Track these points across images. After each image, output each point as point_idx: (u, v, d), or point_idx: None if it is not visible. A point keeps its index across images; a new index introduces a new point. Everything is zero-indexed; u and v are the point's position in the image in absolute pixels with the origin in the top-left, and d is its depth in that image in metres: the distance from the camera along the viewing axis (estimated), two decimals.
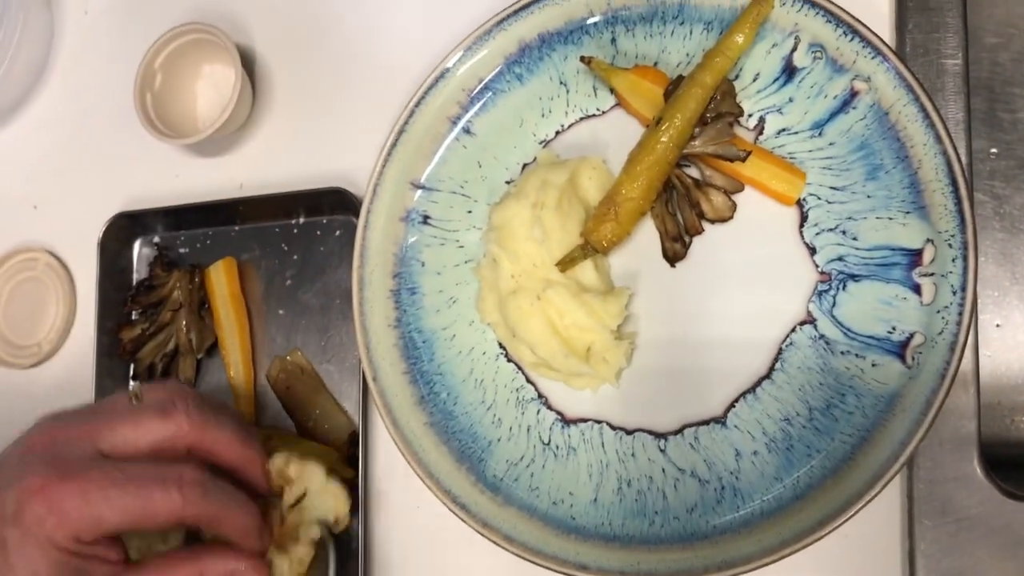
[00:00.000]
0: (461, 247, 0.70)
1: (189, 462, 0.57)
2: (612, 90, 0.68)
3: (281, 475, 0.64)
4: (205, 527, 0.58)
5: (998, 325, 0.75)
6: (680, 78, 0.64)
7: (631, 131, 0.67)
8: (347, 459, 0.71)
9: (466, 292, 0.69)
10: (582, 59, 0.67)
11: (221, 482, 0.58)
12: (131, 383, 0.77)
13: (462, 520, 0.64)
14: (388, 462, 0.71)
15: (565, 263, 0.65)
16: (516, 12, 0.68)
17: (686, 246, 0.66)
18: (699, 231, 0.65)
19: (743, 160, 0.63)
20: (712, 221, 0.65)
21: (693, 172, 0.66)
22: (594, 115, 0.69)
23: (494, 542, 0.64)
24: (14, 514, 0.52)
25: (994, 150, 0.76)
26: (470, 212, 0.70)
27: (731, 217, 0.65)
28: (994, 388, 0.74)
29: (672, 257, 0.66)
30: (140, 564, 0.57)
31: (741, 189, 0.65)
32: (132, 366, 0.77)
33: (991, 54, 0.77)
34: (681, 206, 0.65)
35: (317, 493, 0.64)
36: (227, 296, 0.75)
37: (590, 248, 0.65)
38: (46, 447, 0.55)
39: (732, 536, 0.61)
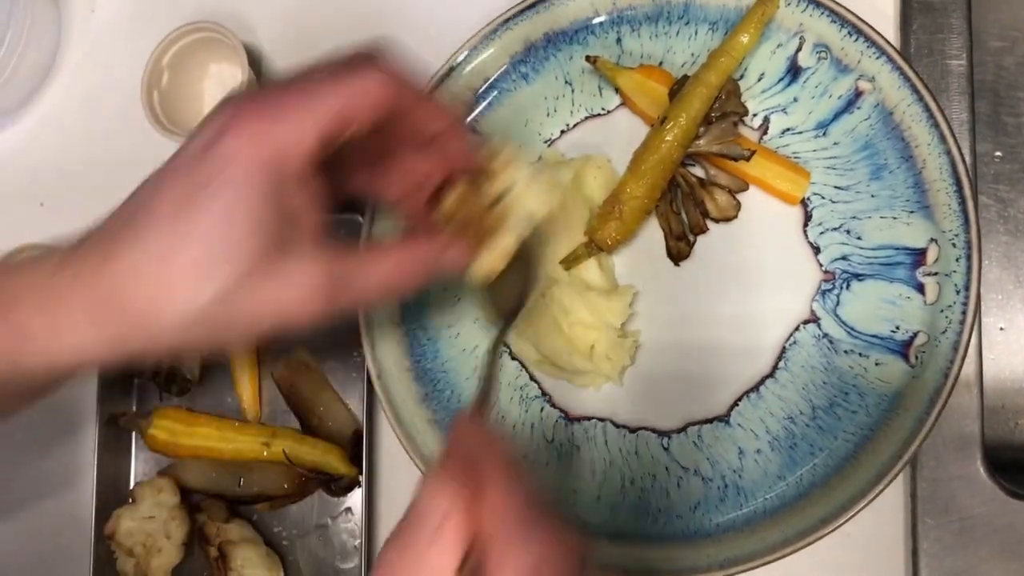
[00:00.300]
0: None
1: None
2: (617, 89, 0.68)
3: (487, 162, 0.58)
4: (411, 110, 0.52)
5: (1002, 328, 0.75)
6: (685, 78, 0.64)
7: (636, 130, 0.67)
8: (351, 456, 0.71)
9: (470, 291, 0.69)
10: (588, 58, 0.68)
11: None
12: (135, 381, 0.78)
13: None
14: (392, 459, 0.71)
15: (569, 261, 0.65)
16: (522, 12, 0.68)
17: (690, 245, 0.66)
18: (704, 230, 0.65)
19: (747, 159, 0.63)
20: (716, 220, 0.65)
21: (697, 171, 0.66)
22: (599, 114, 0.69)
23: None
24: (215, 134, 0.48)
25: (998, 153, 0.76)
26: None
27: (735, 216, 0.65)
28: (998, 391, 0.75)
29: (676, 256, 0.66)
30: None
31: (745, 188, 0.65)
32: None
33: (996, 58, 0.77)
34: (686, 205, 0.66)
35: (524, 187, 0.57)
36: None
37: (594, 247, 0.65)
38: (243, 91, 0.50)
39: (735, 534, 0.61)
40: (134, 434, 0.76)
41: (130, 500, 0.71)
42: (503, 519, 0.39)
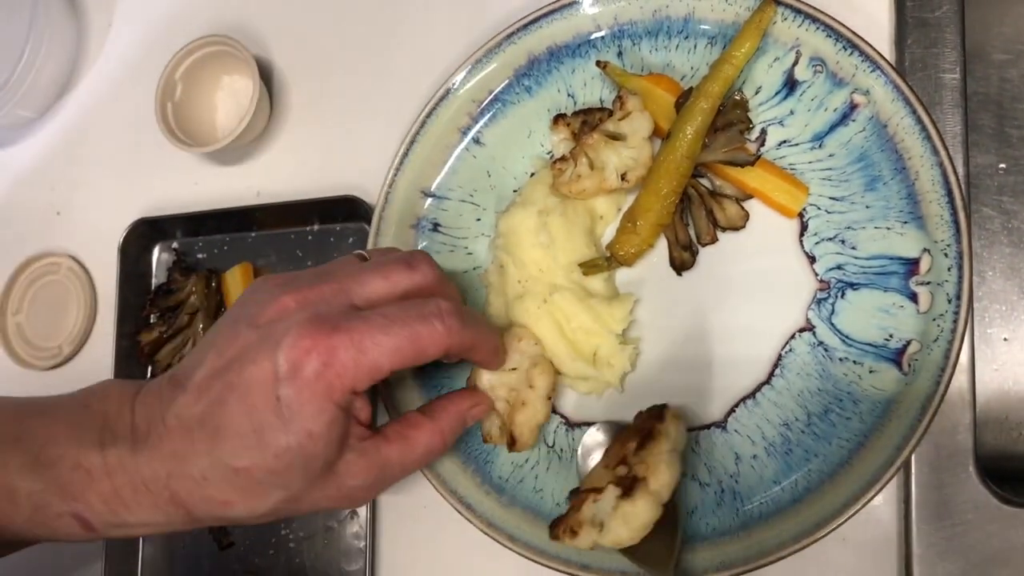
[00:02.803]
0: (470, 254, 0.71)
1: (436, 296, 0.57)
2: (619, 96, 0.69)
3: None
4: (462, 353, 0.58)
5: (1005, 339, 0.75)
6: (691, 90, 0.65)
7: None
8: None
9: (475, 298, 0.71)
10: (598, 63, 0.69)
11: (468, 308, 0.60)
12: None
13: (467, 520, 0.66)
14: None
15: (588, 268, 0.66)
16: (525, 26, 0.69)
17: (694, 255, 0.67)
18: (714, 240, 0.66)
19: (752, 164, 0.64)
20: (725, 229, 0.66)
21: (705, 182, 0.67)
22: None
23: (499, 542, 0.65)
24: (289, 372, 0.51)
25: (1003, 165, 0.77)
26: (479, 220, 0.72)
27: (743, 226, 0.66)
28: (1001, 402, 0.75)
29: (680, 265, 0.67)
30: (385, 427, 0.58)
31: (748, 199, 0.66)
32: (150, 368, 0.79)
33: (1000, 71, 0.78)
34: (696, 215, 0.67)
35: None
36: None
37: (615, 261, 0.67)
38: (302, 306, 0.54)
39: (731, 538, 0.62)
40: None
41: None
42: None
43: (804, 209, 0.65)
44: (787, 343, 0.64)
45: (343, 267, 0.58)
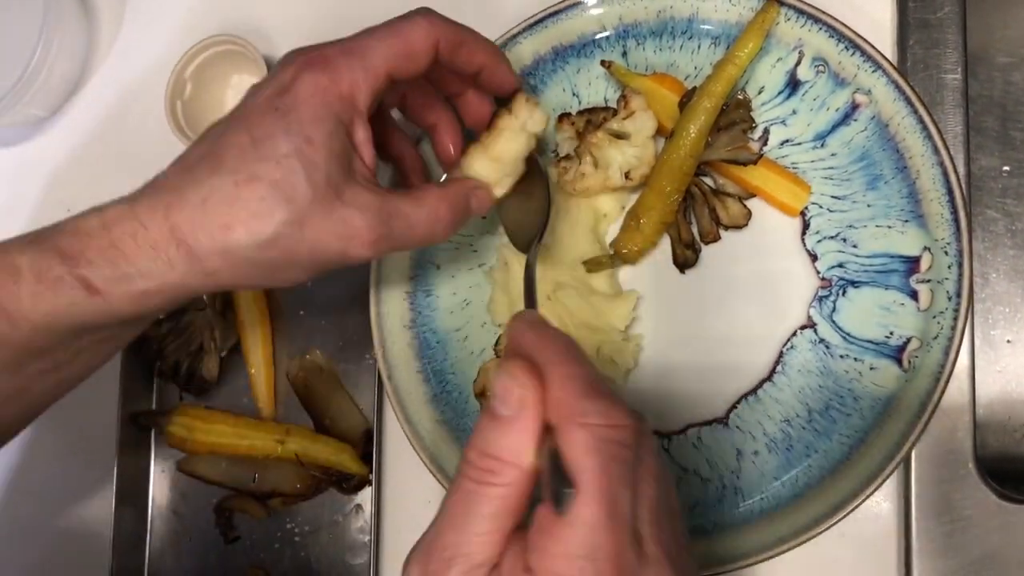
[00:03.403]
0: (475, 251, 0.72)
1: None
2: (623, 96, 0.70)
3: None
4: (459, 51, 0.58)
5: (1009, 341, 0.75)
6: (694, 90, 0.66)
7: None
8: (362, 455, 0.73)
9: (479, 295, 0.71)
10: (602, 63, 0.69)
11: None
12: (155, 381, 0.80)
13: None
14: (401, 458, 0.73)
15: (592, 265, 0.67)
16: (531, 27, 0.70)
17: (697, 253, 0.68)
18: (716, 238, 0.67)
19: (755, 163, 0.65)
20: (728, 228, 0.67)
21: (708, 181, 0.68)
22: None
23: None
24: (287, 83, 0.53)
25: (1006, 168, 0.77)
26: (484, 217, 0.72)
27: (745, 224, 0.67)
28: (1004, 404, 0.75)
29: (683, 263, 0.68)
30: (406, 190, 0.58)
31: (750, 198, 0.67)
32: (157, 364, 0.80)
33: (1004, 74, 0.78)
34: (699, 213, 0.67)
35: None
36: (249, 297, 0.77)
37: (618, 259, 0.67)
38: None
39: (731, 532, 0.63)
40: (153, 431, 0.78)
41: (494, 355, 0.69)
42: (568, 400, 0.41)
43: (806, 208, 0.66)
44: (788, 340, 0.65)
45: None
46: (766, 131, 0.67)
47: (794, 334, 0.65)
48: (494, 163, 0.61)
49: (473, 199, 0.60)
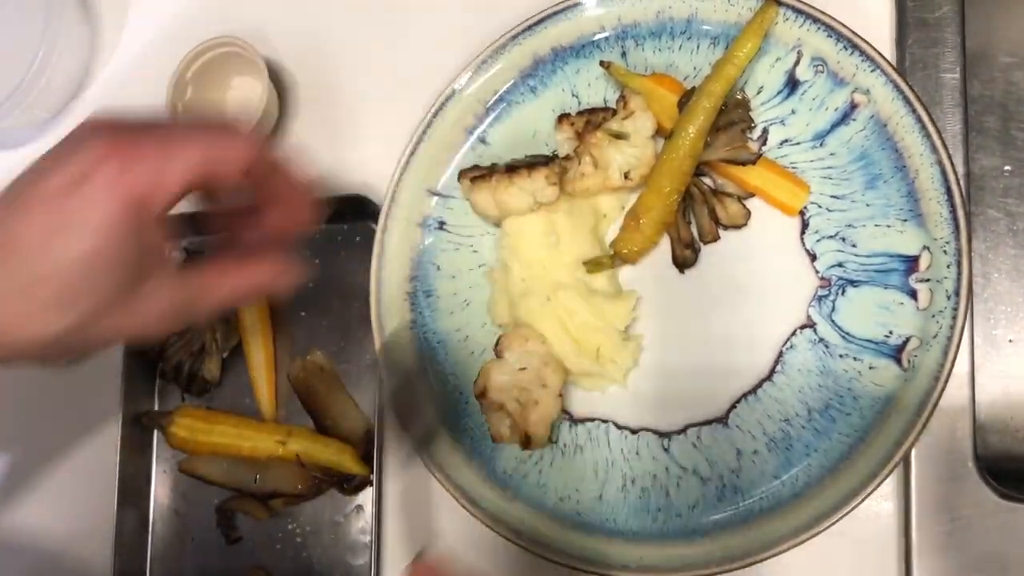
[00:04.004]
0: (475, 252, 0.72)
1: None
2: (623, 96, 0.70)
3: None
4: (267, 183, 0.56)
5: (1011, 340, 0.75)
6: (694, 90, 0.66)
7: None
8: (363, 456, 0.73)
9: (479, 295, 0.71)
10: (601, 63, 0.70)
11: None
12: (157, 382, 0.80)
13: (472, 515, 0.66)
14: (402, 458, 0.73)
15: (592, 265, 0.67)
16: (530, 28, 0.70)
17: (696, 253, 0.68)
18: (716, 238, 0.67)
19: (754, 163, 0.65)
20: (727, 227, 0.67)
21: (707, 181, 0.68)
22: None
23: (502, 536, 0.66)
24: (80, 176, 0.49)
25: (1008, 168, 0.77)
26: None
27: (745, 224, 0.67)
28: (1005, 404, 0.75)
29: (682, 263, 0.68)
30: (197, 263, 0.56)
31: (749, 198, 0.67)
32: (159, 365, 0.80)
33: (1005, 73, 0.78)
34: (699, 212, 0.67)
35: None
36: None
37: (618, 259, 0.67)
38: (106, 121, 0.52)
39: (731, 532, 0.63)
40: (155, 432, 0.79)
41: (494, 355, 0.67)
42: None
43: (805, 207, 0.66)
44: (788, 340, 0.65)
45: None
46: (765, 131, 0.67)
47: (793, 334, 0.65)
48: (494, 204, 0.67)
49: (278, 282, 0.59)
